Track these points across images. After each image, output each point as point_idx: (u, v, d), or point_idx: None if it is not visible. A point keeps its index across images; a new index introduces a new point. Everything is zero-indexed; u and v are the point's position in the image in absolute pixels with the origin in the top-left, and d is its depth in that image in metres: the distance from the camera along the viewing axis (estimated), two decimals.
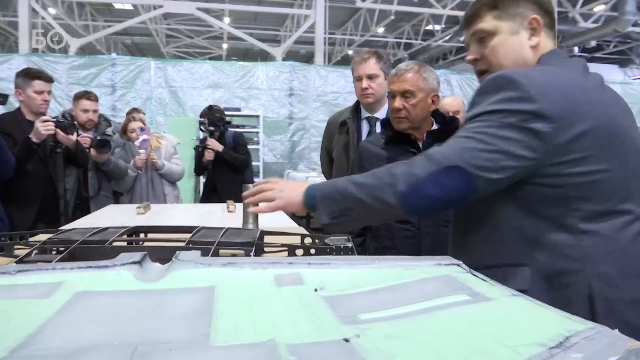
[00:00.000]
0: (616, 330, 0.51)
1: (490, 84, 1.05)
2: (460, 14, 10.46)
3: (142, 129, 3.46)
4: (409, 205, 1.04)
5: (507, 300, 0.63)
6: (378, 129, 2.36)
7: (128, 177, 3.43)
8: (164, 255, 1.05)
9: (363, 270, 0.80)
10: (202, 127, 3.83)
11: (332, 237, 1.29)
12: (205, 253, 1.05)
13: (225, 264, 0.82)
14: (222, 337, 0.54)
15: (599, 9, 10.40)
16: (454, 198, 1.03)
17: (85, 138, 3.14)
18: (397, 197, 1.03)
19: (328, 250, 1.19)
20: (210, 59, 12.55)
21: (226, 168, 3.62)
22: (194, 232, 1.28)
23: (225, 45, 14.00)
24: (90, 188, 3.27)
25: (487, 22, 1.14)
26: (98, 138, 3.16)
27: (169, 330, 0.57)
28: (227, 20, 11.16)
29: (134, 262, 0.81)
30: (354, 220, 1.11)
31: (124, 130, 3.61)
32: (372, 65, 2.32)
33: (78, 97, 3.33)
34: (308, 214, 6.90)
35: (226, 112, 7.20)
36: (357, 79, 2.35)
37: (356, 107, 2.46)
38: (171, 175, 3.61)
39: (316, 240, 1.31)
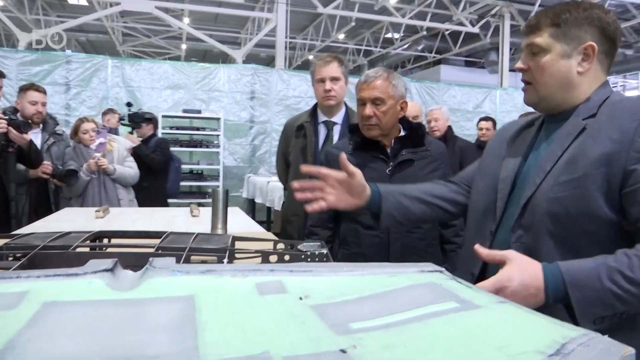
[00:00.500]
0: (606, 336, 0.52)
1: None
2: (419, 23, 10.71)
3: (98, 132, 3.32)
4: None
5: (497, 307, 0.64)
6: (336, 132, 2.38)
7: (80, 181, 3.31)
8: (133, 262, 1.01)
9: (346, 277, 0.79)
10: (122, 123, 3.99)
11: (305, 243, 1.27)
12: (177, 259, 1.01)
13: (204, 271, 0.79)
14: (213, 350, 0.51)
15: None
16: None
17: (46, 167, 3.06)
18: None
19: (302, 257, 1.17)
20: (168, 59, 12.28)
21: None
22: (163, 237, 1.23)
23: (184, 46, 13.74)
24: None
25: (543, 38, 1.11)
26: (65, 169, 3.12)
27: (153, 343, 0.53)
28: (186, 20, 10.96)
29: (105, 270, 0.77)
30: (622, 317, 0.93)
31: (75, 132, 3.49)
32: (335, 68, 2.35)
33: (25, 88, 3.20)
34: (269, 220, 6.77)
35: (186, 114, 7.13)
36: (320, 81, 2.36)
37: (313, 111, 2.47)
38: (124, 179, 3.53)
39: (289, 246, 1.28)
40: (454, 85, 9.39)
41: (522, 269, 0.93)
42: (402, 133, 1.88)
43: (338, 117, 2.43)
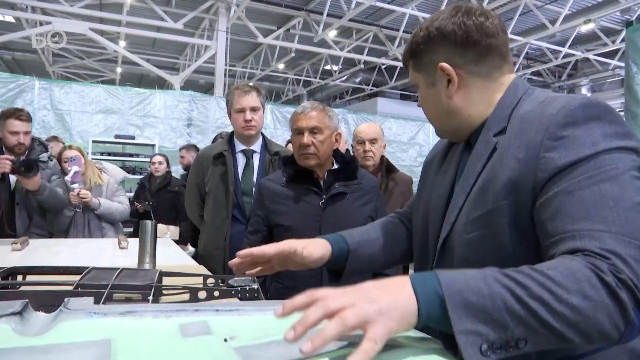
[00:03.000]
0: None
1: (581, 113, 0.79)
2: (357, 56, 11.06)
3: (72, 159, 2.91)
4: (632, 335, 0.68)
5: (415, 343, 0.64)
6: (255, 161, 2.38)
7: (63, 217, 2.97)
8: (49, 302, 0.94)
9: (273, 316, 0.77)
10: None
11: (236, 278, 1.24)
12: (97, 298, 0.96)
13: (123, 312, 0.75)
14: None
15: None
16: None
17: (4, 161, 2.60)
18: (621, 329, 0.66)
19: (233, 292, 1.14)
20: (102, 82, 11.88)
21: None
22: (83, 273, 1.16)
23: (119, 69, 13.37)
24: (19, 224, 2.77)
25: (411, 74, 1.01)
26: (21, 159, 2.65)
27: None
28: (122, 43, 10.71)
29: (13, 313, 0.71)
30: (519, 352, 0.65)
31: (59, 161, 3.11)
32: (254, 98, 2.36)
33: (5, 116, 2.76)
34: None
35: (119, 140, 6.89)
36: (240, 111, 2.35)
37: (230, 140, 2.45)
38: (110, 215, 3.14)
39: (220, 281, 1.25)
40: (389, 117, 9.72)
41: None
42: (335, 166, 1.91)
43: (256, 146, 2.43)
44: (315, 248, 1.05)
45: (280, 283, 1.82)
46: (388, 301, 0.64)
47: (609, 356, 0.79)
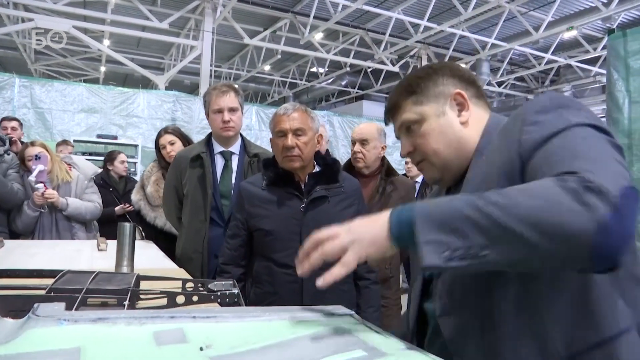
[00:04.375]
0: None
1: (550, 103, 0.86)
2: (343, 59, 11.07)
3: (37, 157, 2.75)
4: (612, 240, 0.64)
5: (403, 354, 0.63)
6: (234, 162, 2.33)
7: (26, 217, 2.83)
8: (19, 307, 0.90)
9: (253, 323, 0.75)
10: None
11: (216, 282, 1.21)
12: (70, 304, 0.92)
13: (94, 319, 0.72)
14: None
15: None
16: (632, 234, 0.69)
17: None
18: (597, 224, 0.63)
19: (212, 297, 1.12)
20: (85, 81, 11.71)
21: None
22: (57, 277, 1.12)
23: (103, 69, 13.18)
24: None
25: (410, 111, 1.01)
26: None
27: None
28: (106, 42, 10.56)
29: None
30: (481, 266, 0.68)
31: (22, 160, 2.96)
32: (232, 99, 2.30)
33: None
34: None
35: (101, 140, 6.79)
36: (217, 112, 2.28)
37: (208, 141, 2.40)
38: (80, 215, 2.96)
39: (199, 286, 1.22)
40: (375, 120, 9.71)
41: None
42: (317, 169, 1.88)
43: (235, 147, 2.37)
44: None
45: (260, 288, 1.79)
46: (361, 231, 0.76)
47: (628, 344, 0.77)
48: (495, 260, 0.67)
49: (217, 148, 2.36)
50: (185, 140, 2.96)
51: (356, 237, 0.75)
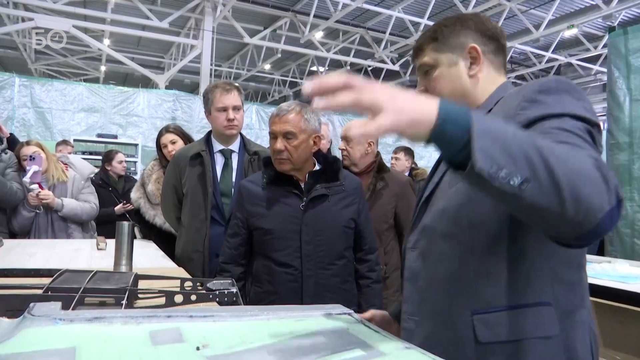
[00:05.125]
0: None
1: (555, 85, 0.91)
2: (343, 58, 11.06)
3: (31, 158, 2.73)
4: (605, 227, 0.72)
5: (401, 354, 0.62)
6: (234, 161, 2.31)
7: (22, 217, 2.82)
8: (17, 306, 0.90)
9: (251, 322, 0.75)
10: None
11: (215, 281, 1.21)
12: (67, 303, 0.92)
13: (90, 319, 0.71)
14: None
15: None
16: None
17: None
18: (610, 208, 0.70)
19: (211, 296, 1.11)
20: (85, 80, 11.71)
21: None
22: (55, 276, 1.12)
23: (103, 68, 13.19)
24: None
25: (428, 55, 1.10)
26: None
27: None
28: (107, 42, 10.56)
29: None
30: (512, 197, 0.70)
31: (18, 159, 2.94)
32: (236, 97, 2.28)
33: None
34: None
35: (101, 139, 6.79)
36: (222, 110, 2.26)
37: (207, 140, 2.38)
38: (76, 216, 2.94)
39: (198, 285, 1.22)
40: None
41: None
42: (317, 167, 1.86)
43: (235, 146, 2.36)
44: None
45: (260, 287, 1.78)
46: (405, 105, 0.68)
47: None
48: (524, 197, 0.69)
49: (217, 146, 2.35)
50: (187, 139, 2.95)
51: (398, 106, 0.67)
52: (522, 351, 0.88)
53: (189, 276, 1.58)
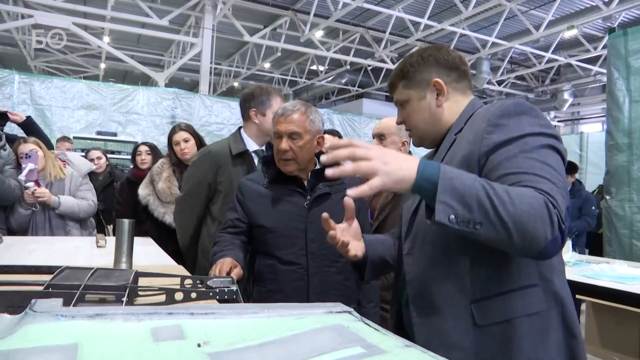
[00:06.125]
0: None
1: (514, 109, 1.06)
2: (343, 57, 11.06)
3: (27, 156, 2.72)
4: (549, 251, 0.93)
5: (402, 352, 0.62)
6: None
7: (19, 215, 2.81)
8: (17, 302, 0.90)
9: (251, 320, 0.75)
10: None
11: (215, 279, 1.21)
12: (68, 299, 0.92)
13: (92, 315, 0.71)
14: None
15: None
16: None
17: None
18: (552, 238, 0.91)
19: (211, 294, 1.11)
20: (85, 78, 11.69)
21: None
22: (55, 273, 1.12)
23: (103, 65, 13.18)
24: None
25: (400, 92, 1.25)
26: None
27: None
28: (106, 39, 10.55)
29: None
30: (470, 234, 0.91)
31: (17, 156, 2.92)
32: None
33: None
34: None
35: (100, 137, 6.78)
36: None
37: (241, 139, 2.34)
38: (73, 213, 2.92)
39: (198, 283, 1.22)
40: (375, 118, 9.71)
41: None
42: (318, 166, 1.86)
43: (262, 146, 2.35)
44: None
45: (264, 287, 1.76)
46: (394, 167, 0.90)
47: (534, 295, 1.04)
48: (480, 234, 0.90)
49: (252, 146, 2.31)
50: (198, 138, 2.94)
51: (388, 170, 0.89)
52: (514, 328, 1.02)
53: (188, 274, 1.58)
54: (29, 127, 3.44)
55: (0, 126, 3.04)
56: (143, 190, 2.88)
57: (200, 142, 2.92)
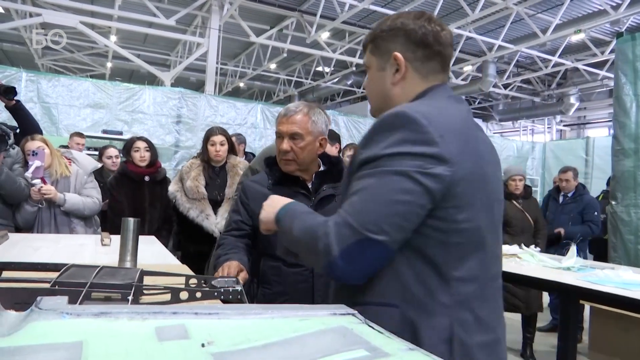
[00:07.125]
0: None
1: (389, 121, 0.99)
2: (349, 59, 11.06)
3: (34, 153, 2.75)
4: (332, 274, 1.01)
5: (405, 355, 0.62)
6: None
7: (25, 212, 2.83)
8: (25, 299, 0.91)
9: (255, 320, 0.75)
10: None
11: (219, 279, 1.21)
12: (74, 297, 0.93)
13: (97, 313, 0.72)
14: None
15: (467, 69, 11.63)
16: (377, 264, 0.99)
17: None
18: (322, 262, 0.99)
19: (215, 294, 1.12)
20: (91, 76, 11.74)
21: None
22: (62, 270, 1.13)
23: (109, 64, 13.24)
24: None
25: (367, 57, 1.16)
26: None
27: None
28: (113, 38, 10.59)
29: None
30: (300, 258, 1.11)
31: (24, 154, 2.94)
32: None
33: None
34: None
35: (106, 135, 6.80)
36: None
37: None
38: (78, 211, 2.94)
39: (202, 282, 1.22)
40: None
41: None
42: (322, 168, 1.86)
43: None
44: None
45: (269, 289, 1.75)
46: (263, 216, 1.20)
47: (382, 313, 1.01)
48: (302, 259, 1.12)
49: None
50: (231, 143, 3.20)
51: (261, 217, 1.21)
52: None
53: (193, 273, 1.58)
54: (18, 111, 3.47)
55: (9, 100, 3.24)
56: (172, 187, 3.15)
57: (231, 148, 3.20)
